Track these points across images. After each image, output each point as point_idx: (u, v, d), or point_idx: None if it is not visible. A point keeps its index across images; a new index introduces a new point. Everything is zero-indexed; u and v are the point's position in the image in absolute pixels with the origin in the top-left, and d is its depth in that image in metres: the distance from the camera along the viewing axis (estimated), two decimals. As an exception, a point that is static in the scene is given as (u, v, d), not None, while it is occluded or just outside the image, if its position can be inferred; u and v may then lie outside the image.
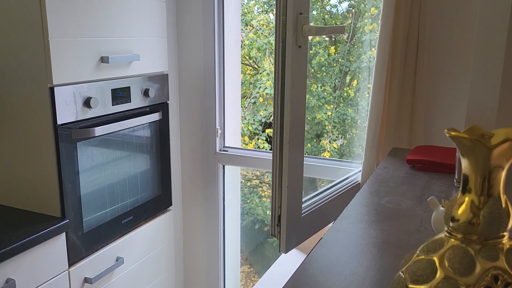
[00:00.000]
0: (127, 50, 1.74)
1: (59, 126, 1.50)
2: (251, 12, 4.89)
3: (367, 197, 1.25)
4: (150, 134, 1.96)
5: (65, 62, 1.48)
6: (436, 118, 1.85)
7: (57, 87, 1.47)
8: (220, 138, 2.34)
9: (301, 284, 0.82)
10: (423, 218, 1.11)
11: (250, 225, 4.66)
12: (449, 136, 0.58)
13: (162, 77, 1.96)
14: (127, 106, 1.78)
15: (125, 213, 1.84)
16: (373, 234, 1.03)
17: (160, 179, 2.04)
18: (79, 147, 1.59)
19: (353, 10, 4.59)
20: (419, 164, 1.52)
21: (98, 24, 1.60)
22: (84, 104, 1.58)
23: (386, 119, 1.80)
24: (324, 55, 4.64)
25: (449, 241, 0.60)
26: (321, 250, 0.95)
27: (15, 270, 1.36)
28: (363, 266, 0.89)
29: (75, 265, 1.61)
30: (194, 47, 2.25)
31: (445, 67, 1.81)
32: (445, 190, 1.30)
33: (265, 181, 5.12)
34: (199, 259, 2.50)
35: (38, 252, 1.43)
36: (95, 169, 1.68)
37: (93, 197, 1.68)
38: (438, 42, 1.79)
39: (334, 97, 4.69)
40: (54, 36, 1.44)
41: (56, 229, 1.48)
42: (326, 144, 4.64)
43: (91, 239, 1.68)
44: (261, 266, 4.54)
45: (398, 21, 1.68)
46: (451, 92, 1.82)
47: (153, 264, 2.03)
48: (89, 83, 1.59)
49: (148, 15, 1.83)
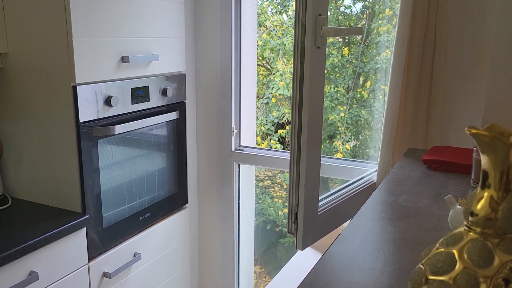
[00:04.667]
0: (146, 50, 1.78)
1: (81, 124, 1.53)
2: (264, 13, 4.91)
3: (384, 196, 1.26)
4: (167, 133, 1.99)
5: (87, 62, 1.52)
6: (452, 119, 1.85)
7: (80, 85, 1.51)
8: (235, 137, 2.36)
9: (320, 278, 0.84)
10: (440, 216, 1.12)
11: (262, 225, 4.67)
12: (470, 133, 0.60)
13: (179, 77, 1.99)
14: (146, 105, 1.81)
15: (143, 210, 1.88)
16: (391, 231, 1.04)
17: (176, 177, 2.07)
18: (100, 145, 1.63)
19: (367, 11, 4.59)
20: (435, 164, 1.53)
21: (119, 25, 1.64)
22: (105, 102, 1.61)
23: (402, 119, 1.81)
24: (337, 56, 4.64)
25: (468, 234, 0.61)
26: (339, 246, 0.97)
27: (38, 263, 1.40)
28: (381, 261, 0.91)
29: (94, 259, 1.64)
30: (211, 47, 2.28)
31: (461, 68, 1.81)
32: (462, 190, 1.31)
33: (277, 182, 5.12)
34: (214, 256, 2.53)
35: (59, 246, 1.47)
36: (114, 166, 1.72)
37: (112, 193, 1.72)
38: (455, 42, 1.80)
39: (347, 98, 4.68)
40: (78, 37, 1.47)
41: (77, 224, 1.52)
42: (338, 145, 4.63)
43: (110, 234, 1.71)
44: (272, 267, 4.55)
45: (415, 22, 1.69)
46: (467, 93, 1.81)
47: (169, 260, 2.06)
48: (110, 82, 1.63)
49: (167, 16, 1.87)
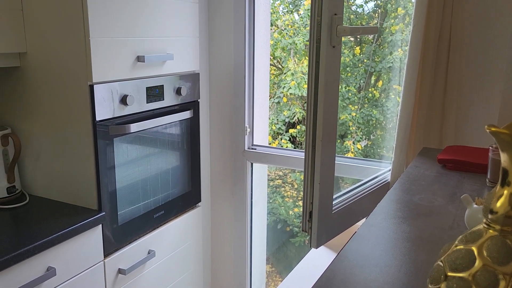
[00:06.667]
0: (161, 49, 1.79)
1: (97, 123, 1.55)
2: (276, 12, 4.91)
3: (399, 195, 1.26)
4: (181, 132, 2.01)
5: (104, 61, 1.54)
6: (466, 119, 1.84)
7: (96, 85, 1.53)
8: (248, 136, 2.37)
9: (338, 274, 0.85)
10: (456, 215, 1.12)
11: (273, 224, 4.68)
12: (490, 132, 0.60)
13: (193, 76, 2.01)
14: (160, 104, 1.83)
15: (157, 208, 1.90)
16: (406, 229, 1.05)
17: (190, 175, 2.09)
18: (115, 143, 1.65)
19: (379, 10, 4.57)
20: (450, 163, 1.52)
21: (135, 25, 1.65)
22: (120, 101, 1.63)
23: (416, 119, 1.80)
24: (349, 55, 4.62)
25: (488, 232, 0.62)
26: (355, 244, 0.97)
27: (56, 259, 1.42)
28: (398, 259, 0.91)
29: (110, 256, 1.66)
30: (225, 46, 2.29)
31: (476, 67, 1.80)
32: (477, 190, 1.31)
33: (287, 181, 5.13)
34: (226, 254, 2.54)
35: (76, 243, 1.49)
36: (129, 165, 1.74)
37: (128, 191, 1.74)
38: (470, 41, 1.79)
39: (359, 97, 4.66)
40: (95, 36, 1.49)
41: (93, 221, 1.54)
42: (350, 145, 4.62)
43: (125, 231, 1.73)
44: (283, 266, 4.55)
45: (430, 21, 1.68)
46: (482, 92, 1.80)
47: (183, 258, 2.07)
48: (125, 81, 1.64)
49: (181, 15, 1.88)
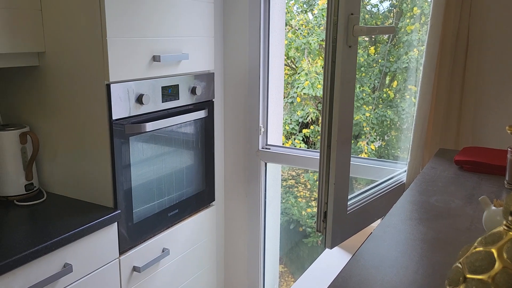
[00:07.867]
0: (177, 49, 1.80)
1: (114, 121, 1.57)
2: (290, 12, 4.91)
3: (415, 196, 1.25)
4: (195, 131, 2.02)
5: (120, 61, 1.56)
6: (483, 120, 1.81)
7: (113, 84, 1.54)
8: (263, 136, 2.38)
9: (354, 275, 0.84)
10: (474, 217, 1.11)
11: (285, 224, 4.67)
12: (511, 132, 0.59)
13: (208, 75, 2.02)
14: (175, 103, 1.84)
15: (171, 206, 1.91)
16: (423, 230, 1.04)
17: (204, 174, 2.10)
18: (131, 142, 1.66)
19: (394, 9, 4.54)
20: (467, 165, 1.50)
21: (151, 25, 1.67)
22: (136, 100, 1.65)
23: (433, 119, 1.79)
24: (363, 55, 4.59)
25: (508, 234, 0.61)
26: (371, 244, 0.97)
27: (72, 256, 1.44)
28: (414, 260, 0.90)
29: (125, 254, 1.67)
30: (240, 46, 2.30)
31: (494, 68, 1.77)
32: (495, 191, 1.29)
33: (300, 181, 5.11)
34: (240, 253, 2.55)
35: (92, 240, 1.51)
36: (144, 163, 1.76)
37: (143, 189, 1.76)
38: (488, 41, 1.76)
39: (373, 98, 4.63)
40: (112, 36, 1.51)
41: (109, 219, 1.56)
42: (363, 146, 4.59)
43: (140, 229, 1.75)
44: (295, 267, 4.54)
45: (448, 20, 1.67)
46: (500, 93, 1.78)
47: (196, 257, 2.08)
48: (141, 80, 1.66)
49: (197, 15, 1.89)
